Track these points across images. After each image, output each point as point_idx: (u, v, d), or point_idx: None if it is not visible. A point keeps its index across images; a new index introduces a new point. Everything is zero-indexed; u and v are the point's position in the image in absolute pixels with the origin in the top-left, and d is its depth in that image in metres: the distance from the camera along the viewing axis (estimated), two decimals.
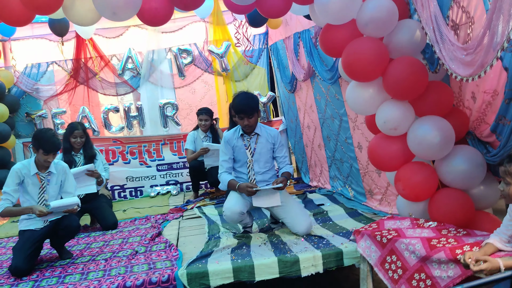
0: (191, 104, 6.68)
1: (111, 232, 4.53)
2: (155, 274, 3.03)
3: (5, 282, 3.38)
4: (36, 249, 3.60)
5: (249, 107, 3.59)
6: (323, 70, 4.44)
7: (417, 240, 2.53)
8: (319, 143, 5.38)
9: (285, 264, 3.04)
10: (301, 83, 5.41)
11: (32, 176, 3.62)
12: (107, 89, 6.61)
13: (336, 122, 4.71)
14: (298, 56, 5.28)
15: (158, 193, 6.33)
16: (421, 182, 2.82)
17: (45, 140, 3.58)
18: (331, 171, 5.26)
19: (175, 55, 6.59)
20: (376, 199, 4.20)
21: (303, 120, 5.74)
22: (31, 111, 6.51)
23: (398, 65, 2.74)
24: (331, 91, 4.59)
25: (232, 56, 6.56)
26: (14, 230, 5.01)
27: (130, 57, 6.52)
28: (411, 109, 2.83)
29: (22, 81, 6.43)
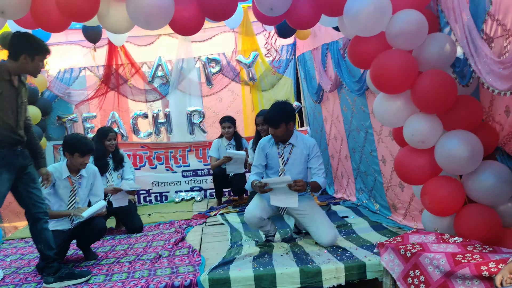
0: (218, 112, 6.75)
1: (135, 235, 4.60)
2: (178, 278, 3.07)
3: (32, 280, 3.48)
4: (62, 249, 3.69)
5: (274, 117, 3.62)
6: (351, 81, 4.44)
7: (441, 255, 2.50)
8: (345, 154, 5.36)
9: (307, 275, 3.03)
10: (328, 94, 5.42)
11: (63, 179, 3.72)
12: (136, 95, 6.74)
13: (361, 134, 4.69)
14: (326, 67, 5.30)
15: (183, 198, 6.40)
16: (447, 197, 2.79)
17: (80, 143, 3.68)
18: (357, 183, 5.23)
19: (204, 64, 6.69)
20: (400, 213, 4.16)
21: (330, 131, 5.73)
22: (62, 114, 6.69)
23: (427, 78, 2.73)
24: (357, 102, 4.58)
25: (260, 66, 6.62)
26: None
27: (160, 65, 6.65)
28: (439, 123, 2.81)
29: (54, 85, 6.61)
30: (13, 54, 3.09)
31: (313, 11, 3.23)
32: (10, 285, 3.39)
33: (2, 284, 3.43)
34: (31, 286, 3.32)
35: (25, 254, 4.29)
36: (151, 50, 6.71)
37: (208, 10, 3.20)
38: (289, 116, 3.68)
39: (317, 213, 3.67)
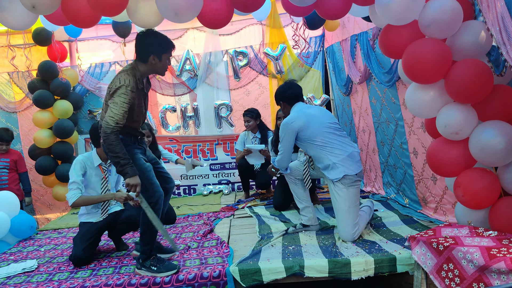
0: (245, 105, 6.73)
1: (165, 227, 4.65)
2: (207, 269, 3.09)
3: (65, 269, 3.56)
4: (94, 240, 3.75)
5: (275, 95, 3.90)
6: (380, 73, 4.37)
7: (475, 248, 2.43)
8: (373, 148, 5.28)
9: (335, 265, 3.01)
10: (357, 86, 5.34)
11: (95, 167, 3.76)
12: (165, 89, 6.80)
13: (391, 127, 4.61)
14: (355, 59, 5.22)
15: (211, 191, 6.44)
16: (482, 189, 2.71)
17: None
18: (384, 177, 5.15)
19: (231, 57, 6.69)
20: (431, 207, 4.07)
21: (358, 124, 5.65)
22: (93, 108, 6.81)
23: (461, 67, 2.65)
24: (387, 94, 4.50)
25: (287, 59, 6.58)
26: (74, 221, 5.28)
27: (188, 58, 6.68)
28: (474, 113, 2.73)
29: (86, 79, 6.74)
30: (141, 56, 3.08)
31: (343, 0, 3.18)
32: (44, 274, 3.48)
33: (37, 273, 3.53)
34: (64, 275, 3.39)
35: (58, 245, 4.40)
36: (179, 44, 6.74)
37: (237, 1, 3.19)
38: (277, 97, 3.91)
39: (338, 208, 3.57)
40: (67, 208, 6.82)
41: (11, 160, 5.65)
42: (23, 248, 4.35)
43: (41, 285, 3.20)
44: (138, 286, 3.00)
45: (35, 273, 3.51)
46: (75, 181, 3.65)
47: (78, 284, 3.10)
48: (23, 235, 4.70)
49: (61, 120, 6.12)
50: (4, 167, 5.60)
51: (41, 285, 3.20)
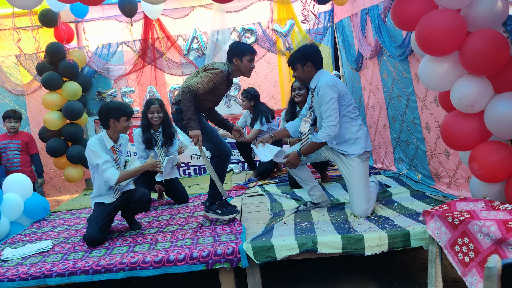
0: (254, 84, 6.68)
1: (177, 206, 4.68)
2: (220, 247, 3.10)
3: (79, 249, 3.59)
4: (109, 220, 3.78)
5: (290, 58, 3.63)
6: (392, 47, 4.29)
7: (492, 222, 2.40)
8: (384, 124, 5.23)
9: (349, 241, 3.00)
10: (367, 61, 5.26)
11: (108, 150, 3.75)
12: (173, 69, 6.76)
13: (403, 102, 4.54)
14: (365, 33, 5.13)
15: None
16: (497, 163, 2.67)
17: (124, 106, 3.71)
18: (395, 153, 5.10)
19: (239, 34, 6.62)
20: (444, 182, 4.04)
21: (368, 100, 5.59)
22: (102, 90, 6.81)
23: (476, 38, 2.58)
24: (399, 69, 4.42)
25: (296, 35, 6.49)
26: (87, 202, 5.33)
27: (196, 37, 6.62)
28: (489, 85, 2.67)
29: (93, 61, 6.72)
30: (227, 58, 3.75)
31: None
32: (59, 253, 3.52)
33: (52, 253, 3.57)
34: (79, 254, 3.43)
35: (71, 225, 4.44)
36: (186, 22, 6.68)
37: None
38: (305, 56, 3.54)
39: (352, 182, 3.55)
40: (77, 190, 6.89)
41: (22, 142, 5.69)
42: (37, 229, 4.40)
43: (57, 264, 3.23)
44: (152, 263, 3.02)
45: (50, 253, 3.55)
46: (107, 160, 3.63)
47: (93, 263, 3.12)
48: (37, 217, 4.75)
49: (70, 102, 6.12)
50: (15, 149, 5.64)
51: (57, 264, 3.23)
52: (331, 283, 3.56)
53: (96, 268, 3.06)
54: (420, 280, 3.40)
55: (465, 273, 2.52)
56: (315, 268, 3.83)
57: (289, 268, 3.78)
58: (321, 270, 3.80)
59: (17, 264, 3.36)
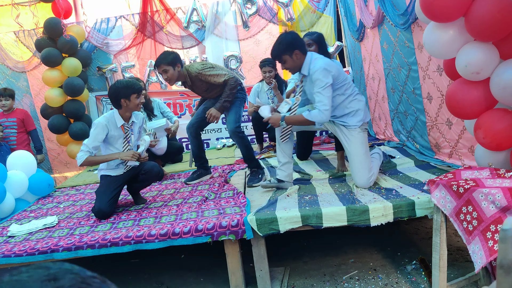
0: (255, 56, 6.62)
1: (181, 180, 4.69)
2: (225, 219, 3.11)
3: (85, 223, 3.62)
4: (117, 194, 3.78)
5: (275, 53, 3.48)
6: (395, 15, 4.20)
7: (497, 190, 2.39)
8: (382, 95, 5.18)
9: (353, 212, 3.00)
10: (368, 31, 5.17)
11: (118, 128, 3.71)
12: (173, 42, 6.68)
13: (403, 72, 4.48)
14: (367, 2, 5.03)
15: (224, 145, 6.44)
16: (503, 130, 2.63)
17: (132, 83, 3.67)
18: (393, 124, 5.08)
19: (239, 5, 6.51)
20: (445, 153, 4.01)
21: (368, 71, 5.52)
22: (102, 65, 6.75)
23: (482, 3, 2.51)
24: (401, 38, 4.34)
25: (298, 5, 6.38)
26: (91, 178, 5.35)
27: (195, 9, 6.52)
28: (495, 52, 2.61)
29: (93, 36, 6.64)
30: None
31: None
32: (65, 228, 3.55)
33: (58, 228, 3.59)
34: (85, 229, 3.45)
35: (76, 201, 4.47)
36: None
37: None
38: (290, 45, 3.39)
39: (352, 152, 3.53)
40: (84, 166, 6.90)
41: (18, 119, 5.61)
42: (43, 205, 4.43)
43: (63, 239, 3.26)
44: (158, 236, 3.04)
45: (56, 228, 3.58)
46: (87, 144, 3.64)
47: (99, 237, 3.15)
48: (42, 193, 4.77)
49: (70, 78, 6.08)
50: (11, 127, 5.57)
51: (63, 239, 3.26)
52: (335, 253, 3.59)
53: (102, 242, 3.08)
54: (424, 249, 3.42)
55: (469, 241, 2.52)
56: (319, 238, 3.86)
57: (294, 238, 3.81)
58: (325, 240, 3.83)
59: (23, 239, 3.39)
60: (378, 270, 3.24)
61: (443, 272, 2.77)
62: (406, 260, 3.33)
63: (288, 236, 3.17)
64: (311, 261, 3.52)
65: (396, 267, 3.26)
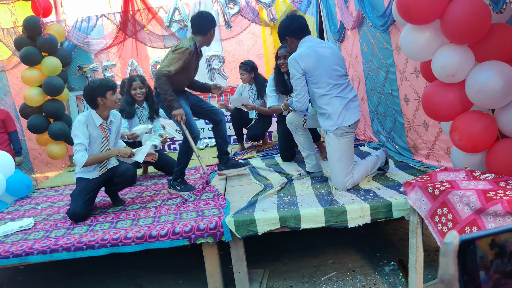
0: (238, 56, 6.59)
1: (162, 181, 4.65)
2: (203, 221, 3.09)
3: (62, 226, 3.57)
4: (92, 196, 3.74)
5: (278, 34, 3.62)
6: (374, 16, 4.22)
7: (472, 192, 2.41)
8: (362, 97, 5.20)
9: (331, 214, 3.00)
10: (348, 32, 5.19)
11: (97, 127, 3.67)
12: (155, 42, 6.63)
13: (382, 74, 4.49)
14: (347, 3, 5.04)
15: (207, 145, 6.41)
16: (478, 132, 2.65)
17: (105, 81, 3.64)
18: (373, 126, 5.10)
19: (222, 5, 6.47)
20: (422, 154, 4.04)
21: (348, 72, 5.53)
22: (82, 64, 6.66)
23: (458, 6, 2.53)
24: (380, 40, 4.36)
25: (280, 5, 6.37)
26: (71, 179, 5.28)
27: (177, 8, 6.47)
28: (471, 54, 2.63)
29: (73, 34, 6.54)
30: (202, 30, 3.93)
31: None
32: (41, 231, 3.49)
33: (34, 230, 3.54)
34: (61, 231, 3.40)
35: (55, 202, 4.40)
36: None
37: None
38: (283, 32, 3.57)
39: (330, 157, 3.52)
40: (65, 166, 6.81)
41: None
42: (20, 206, 4.36)
43: (38, 242, 3.20)
44: (134, 239, 3.01)
45: (32, 231, 3.52)
46: (81, 143, 3.56)
47: (75, 239, 3.10)
48: (20, 194, 4.70)
49: (50, 78, 5.98)
50: None
51: (38, 242, 3.20)
52: (314, 254, 3.60)
53: (77, 245, 3.04)
54: (402, 249, 3.45)
55: None
56: (298, 239, 3.86)
57: (273, 239, 3.80)
58: (305, 241, 3.83)
59: None
60: (357, 271, 3.25)
61: (420, 273, 2.79)
62: (384, 261, 3.35)
63: (268, 237, 3.17)
64: (290, 262, 3.52)
65: (374, 268, 3.27)
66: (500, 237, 0.54)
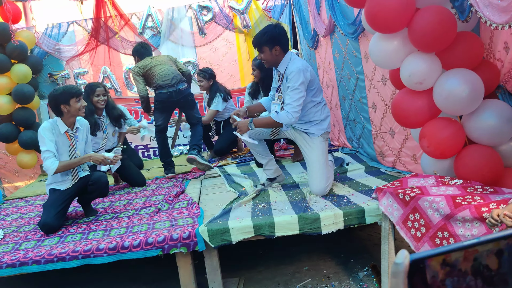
0: (212, 63, 6.58)
1: (135, 190, 4.59)
2: (177, 231, 3.06)
3: (32, 237, 3.48)
4: (65, 207, 3.67)
5: (256, 40, 3.42)
6: (345, 24, 4.27)
7: (441, 197, 2.45)
8: (336, 103, 5.27)
9: (305, 221, 3.01)
10: (321, 39, 5.25)
11: (62, 134, 3.60)
12: (127, 48, 6.56)
13: (352, 81, 4.56)
14: (320, 11, 5.10)
15: (181, 152, 6.36)
16: (447, 139, 2.70)
17: (69, 87, 3.58)
18: (346, 131, 5.17)
19: (195, 12, 6.46)
20: (388, 161, 4.10)
21: (322, 79, 5.61)
22: (53, 71, 6.55)
23: (424, 15, 2.58)
24: (350, 47, 4.42)
25: (254, 12, 6.40)
26: (42, 189, 5.16)
27: (150, 15, 6.43)
28: (438, 62, 2.68)
29: (43, 41, 6.43)
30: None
31: None
32: (11, 243, 3.40)
33: (3, 243, 3.45)
34: (31, 243, 3.32)
35: (25, 213, 4.30)
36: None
37: None
38: (273, 39, 3.34)
39: (313, 160, 3.54)
40: (35, 175, 6.66)
41: None
42: None
43: (7, 255, 3.12)
44: (106, 250, 2.96)
45: (1, 244, 3.43)
46: (48, 149, 3.49)
47: (45, 252, 3.03)
48: None
49: (20, 85, 5.85)
50: None
51: (7, 255, 3.12)
52: (290, 261, 3.60)
53: (48, 257, 2.97)
54: (376, 255, 3.47)
55: (418, 247, 2.58)
56: (274, 247, 3.86)
57: (249, 247, 3.79)
58: (280, 249, 3.83)
59: None
60: (331, 278, 3.26)
61: None
62: (358, 267, 3.37)
63: (244, 244, 3.16)
64: (265, 270, 3.51)
65: (349, 274, 3.29)
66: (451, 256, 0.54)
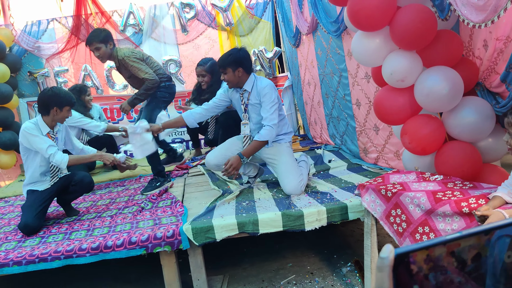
0: (195, 60, 6.49)
1: (117, 189, 4.55)
2: (160, 230, 3.04)
3: (12, 238, 3.43)
4: (45, 207, 3.62)
5: (221, 61, 3.54)
6: (328, 22, 4.30)
7: (422, 193, 2.49)
8: (318, 100, 5.30)
9: (289, 218, 3.03)
10: (304, 37, 5.27)
11: (44, 136, 3.54)
12: None
13: (335, 78, 4.59)
14: (302, 9, 5.12)
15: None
16: (428, 135, 2.75)
17: (69, 96, 3.58)
18: (329, 129, 5.21)
19: (177, 9, 6.42)
20: (371, 158, 4.15)
21: (304, 77, 5.63)
22: (33, 70, 6.45)
23: (405, 13, 2.62)
24: (333, 45, 4.45)
25: (236, 10, 6.39)
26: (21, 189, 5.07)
27: (132, 12, 6.37)
28: (418, 60, 2.73)
29: (22, 39, 6.33)
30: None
31: None
32: None
33: None
34: (12, 244, 3.27)
35: (5, 214, 4.24)
36: None
37: None
38: (236, 61, 3.48)
39: (288, 164, 3.58)
40: (13, 175, 6.56)
41: None
42: None
43: None
44: (89, 250, 2.93)
45: None
46: (51, 145, 3.47)
47: (26, 253, 2.99)
48: None
49: None
50: None
51: None
52: (274, 258, 3.62)
53: (29, 258, 2.93)
54: (359, 250, 3.51)
55: (401, 242, 2.62)
56: (258, 244, 3.87)
57: (234, 244, 3.80)
58: (264, 245, 3.85)
59: None
60: (315, 273, 3.29)
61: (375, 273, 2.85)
62: (342, 262, 3.41)
63: (228, 242, 3.16)
64: (250, 268, 3.52)
65: (332, 269, 3.32)
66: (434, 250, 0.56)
